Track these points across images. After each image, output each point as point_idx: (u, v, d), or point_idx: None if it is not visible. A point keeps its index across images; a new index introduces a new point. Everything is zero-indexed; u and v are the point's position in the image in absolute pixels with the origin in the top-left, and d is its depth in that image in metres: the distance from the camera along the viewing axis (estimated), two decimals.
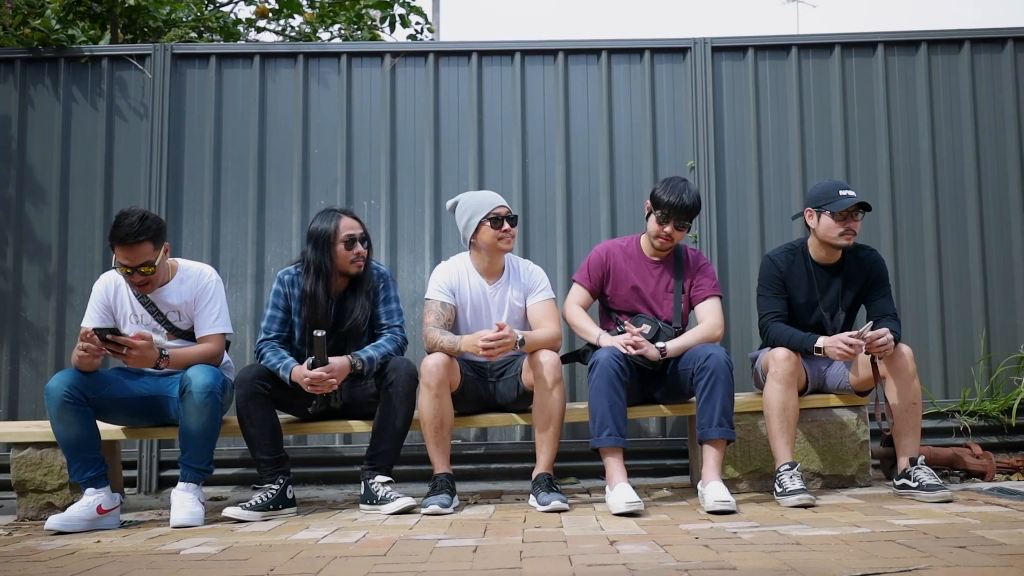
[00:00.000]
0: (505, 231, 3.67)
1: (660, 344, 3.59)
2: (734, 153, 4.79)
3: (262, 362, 3.58)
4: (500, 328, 3.40)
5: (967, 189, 4.76)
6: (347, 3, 7.96)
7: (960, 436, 4.48)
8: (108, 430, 3.64)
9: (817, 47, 4.86)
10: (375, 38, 7.72)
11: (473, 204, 3.73)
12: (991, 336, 4.67)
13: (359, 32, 7.76)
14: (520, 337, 3.48)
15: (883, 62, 4.83)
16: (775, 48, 4.86)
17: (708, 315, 3.74)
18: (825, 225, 3.65)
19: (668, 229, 3.68)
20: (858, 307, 3.84)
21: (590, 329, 3.74)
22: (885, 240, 4.68)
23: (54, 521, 3.27)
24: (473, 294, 3.76)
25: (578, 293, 3.86)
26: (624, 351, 3.49)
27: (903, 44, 4.85)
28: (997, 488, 3.63)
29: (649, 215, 3.75)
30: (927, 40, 4.84)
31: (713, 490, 3.24)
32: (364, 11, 7.84)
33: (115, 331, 3.37)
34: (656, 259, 3.83)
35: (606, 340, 3.60)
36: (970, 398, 4.57)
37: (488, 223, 3.67)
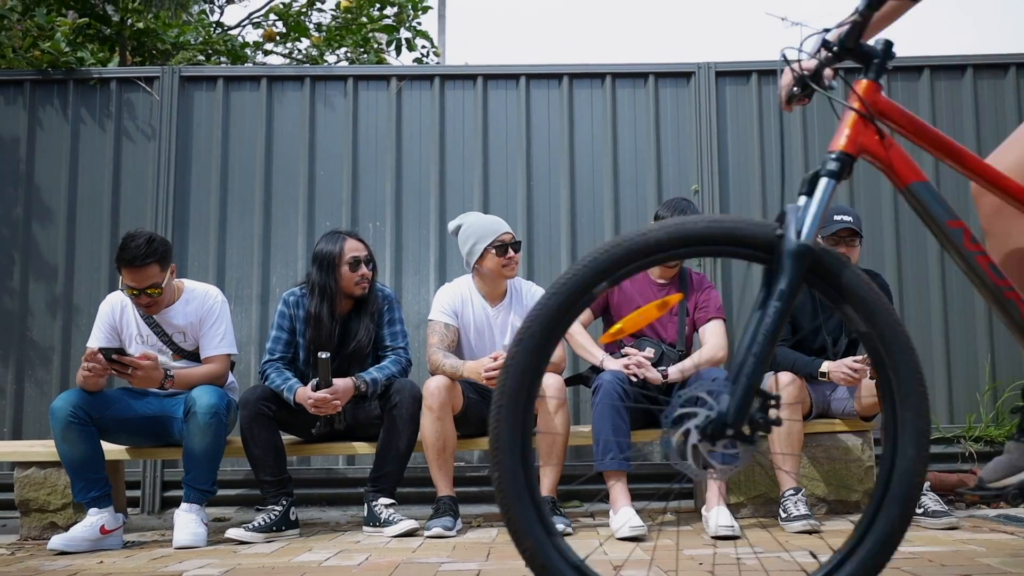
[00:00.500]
0: (509, 258, 3.68)
1: (662, 368, 3.58)
2: (738, 177, 4.81)
3: (266, 383, 3.59)
4: (496, 359, 3.41)
5: (971, 213, 4.75)
6: (354, 27, 8.03)
7: (966, 462, 4.46)
8: (112, 450, 3.64)
9: None
10: (381, 61, 7.79)
11: (478, 230, 3.72)
12: (996, 361, 4.65)
13: (365, 55, 7.83)
14: None
15: (886, 87, 4.85)
16: (778, 73, 4.88)
17: (712, 336, 3.74)
18: None
19: None
20: None
21: (592, 350, 3.73)
22: (889, 264, 4.68)
23: (57, 541, 3.26)
24: (476, 317, 3.77)
25: None
26: (627, 373, 3.49)
27: (907, 70, 4.88)
28: (1003, 515, 3.61)
29: None
30: (930, 66, 4.86)
31: (717, 515, 3.23)
32: (371, 35, 7.92)
33: (120, 351, 3.39)
34: (661, 282, 3.83)
35: (609, 363, 3.60)
36: (975, 424, 4.55)
37: (493, 251, 3.68)
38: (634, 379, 3.50)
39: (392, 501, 3.53)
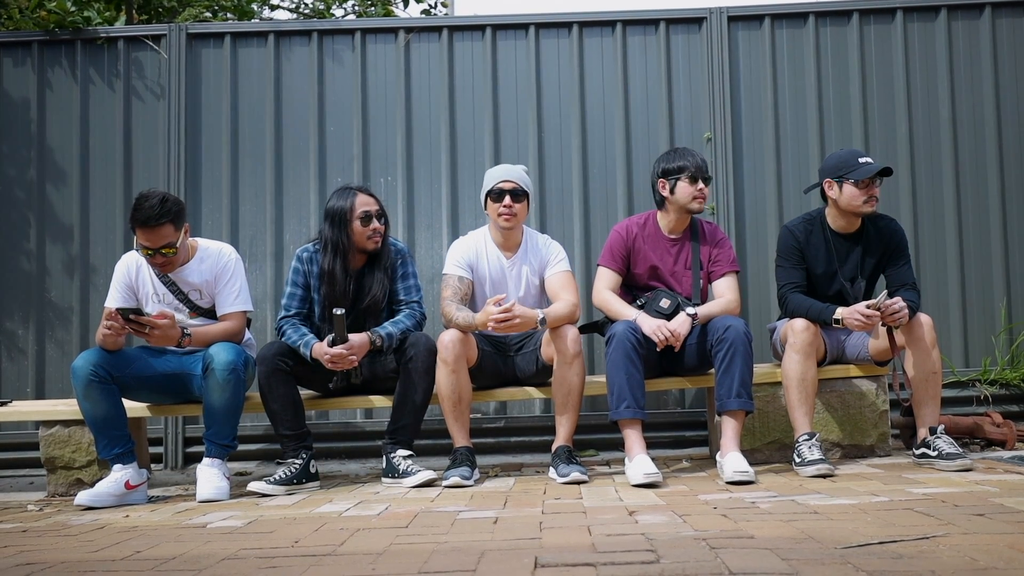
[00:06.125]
0: (506, 206, 3.68)
1: (691, 311, 3.57)
2: (751, 124, 4.76)
3: (283, 339, 3.62)
4: (499, 303, 3.42)
5: (988, 156, 4.71)
6: None
7: (981, 405, 4.47)
8: (133, 407, 3.70)
9: (835, 14, 4.80)
10: (389, 14, 7.70)
11: (487, 178, 3.78)
12: (1012, 305, 4.63)
13: (373, 8, 7.74)
14: (541, 316, 3.49)
15: (902, 28, 4.76)
16: (792, 16, 4.80)
17: (727, 291, 3.72)
18: (849, 194, 3.61)
19: (701, 185, 3.66)
20: (878, 276, 3.83)
21: (625, 311, 3.65)
22: (904, 208, 4.64)
23: (83, 497, 3.34)
24: (492, 269, 3.77)
25: (605, 277, 3.80)
26: (652, 337, 3.47)
27: (922, 10, 4.78)
28: (1017, 456, 3.63)
29: (674, 187, 3.69)
30: (947, 5, 4.76)
31: (732, 461, 3.26)
32: None
33: (138, 311, 3.41)
34: (674, 236, 3.80)
35: (644, 319, 3.56)
36: (991, 367, 4.55)
37: (491, 198, 3.72)
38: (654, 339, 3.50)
39: (410, 453, 3.58)
